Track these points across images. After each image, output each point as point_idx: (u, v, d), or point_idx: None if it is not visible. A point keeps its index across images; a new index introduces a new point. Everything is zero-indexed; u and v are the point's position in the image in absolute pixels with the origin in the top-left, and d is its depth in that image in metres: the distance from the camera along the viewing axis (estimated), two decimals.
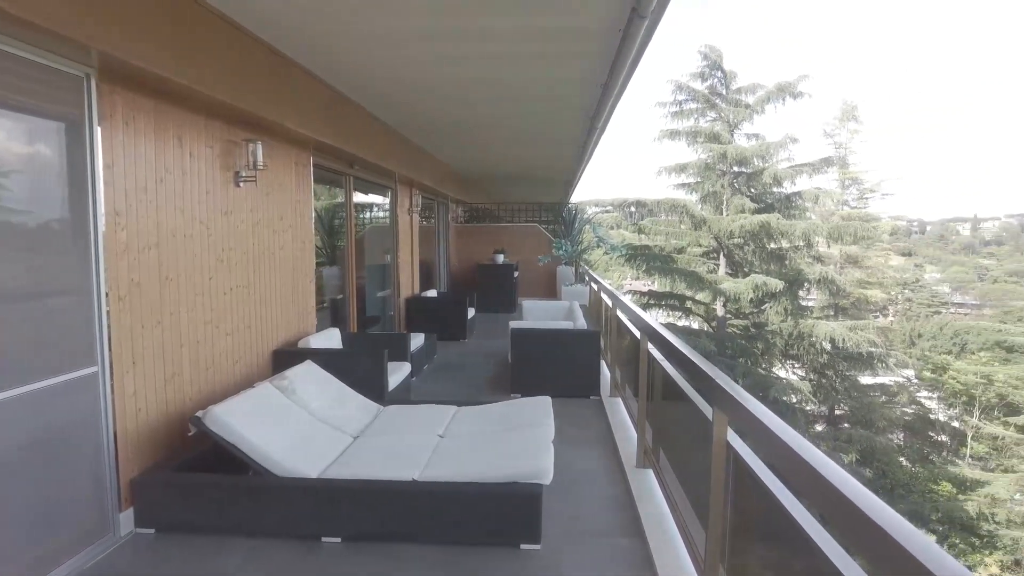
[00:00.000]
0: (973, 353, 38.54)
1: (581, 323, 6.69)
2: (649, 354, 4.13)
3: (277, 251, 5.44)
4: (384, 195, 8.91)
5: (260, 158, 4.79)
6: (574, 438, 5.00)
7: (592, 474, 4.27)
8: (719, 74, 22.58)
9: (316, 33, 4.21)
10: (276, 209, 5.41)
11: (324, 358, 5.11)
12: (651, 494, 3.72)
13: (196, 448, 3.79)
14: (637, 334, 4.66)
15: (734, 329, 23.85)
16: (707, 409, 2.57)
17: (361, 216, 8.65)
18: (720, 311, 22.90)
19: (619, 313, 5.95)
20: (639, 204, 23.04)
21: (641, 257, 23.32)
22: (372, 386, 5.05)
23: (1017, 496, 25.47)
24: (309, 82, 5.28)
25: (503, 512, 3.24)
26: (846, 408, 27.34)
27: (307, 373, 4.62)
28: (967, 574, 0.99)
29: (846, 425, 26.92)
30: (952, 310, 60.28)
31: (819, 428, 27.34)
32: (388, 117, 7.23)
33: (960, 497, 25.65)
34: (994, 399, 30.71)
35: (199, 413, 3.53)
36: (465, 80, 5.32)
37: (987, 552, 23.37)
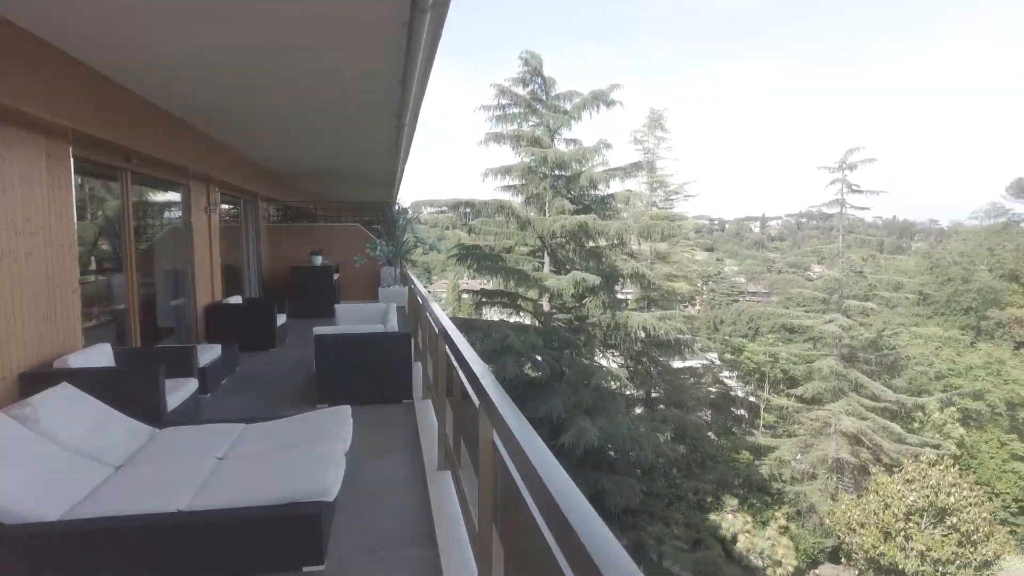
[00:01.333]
0: (763, 335, 44.26)
1: (393, 325, 6.53)
2: (447, 354, 4.09)
3: (22, 257, 4.64)
4: (175, 193, 8.05)
5: None
6: (381, 446, 4.83)
7: (394, 482, 4.13)
8: (539, 80, 23.47)
9: (49, 3, 3.62)
10: (19, 209, 4.61)
11: (88, 379, 4.45)
12: (448, 498, 3.68)
13: None
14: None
15: (559, 323, 25.03)
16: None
17: (159, 216, 7.78)
18: (546, 306, 23.91)
19: (427, 314, 5.88)
20: (468, 205, 23.31)
21: (472, 256, 23.62)
22: (146, 407, 4.49)
23: (799, 456, 29.58)
24: (58, 61, 4.56)
25: (284, 535, 3.00)
26: (661, 391, 29.91)
27: (59, 398, 3.98)
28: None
29: (661, 406, 29.44)
30: (747, 298, 68.88)
31: (638, 411, 29.61)
32: (174, 107, 6.53)
33: (756, 462, 29.24)
34: (780, 374, 35.45)
35: None
36: (246, 69, 4.92)
37: (777, 507, 26.84)
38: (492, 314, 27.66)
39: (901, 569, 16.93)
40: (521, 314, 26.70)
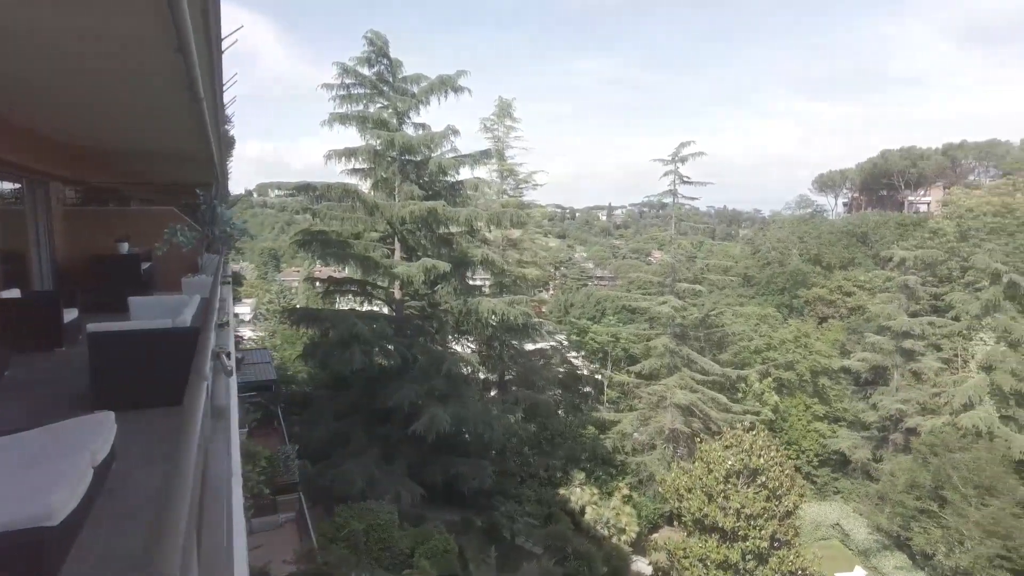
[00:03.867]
0: (608, 317, 46.90)
1: (185, 320, 5.96)
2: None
3: None
4: None
5: None
6: (156, 455, 4.38)
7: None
8: (385, 61, 22.82)
9: None
10: None
11: None
12: None
13: None
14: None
15: (412, 310, 24.77)
16: None
17: None
18: (397, 294, 23.52)
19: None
20: (311, 188, 22.17)
21: (317, 243, 22.60)
22: None
23: (639, 429, 31.76)
24: None
25: None
26: (513, 373, 30.73)
27: None
28: None
29: (514, 388, 30.27)
30: (595, 282, 72.68)
31: (493, 393, 30.25)
32: None
33: (601, 436, 30.97)
34: (621, 353, 37.80)
35: None
36: None
37: (621, 478, 28.65)
38: (344, 303, 26.79)
39: (721, 527, 18.78)
40: (373, 302, 26.09)
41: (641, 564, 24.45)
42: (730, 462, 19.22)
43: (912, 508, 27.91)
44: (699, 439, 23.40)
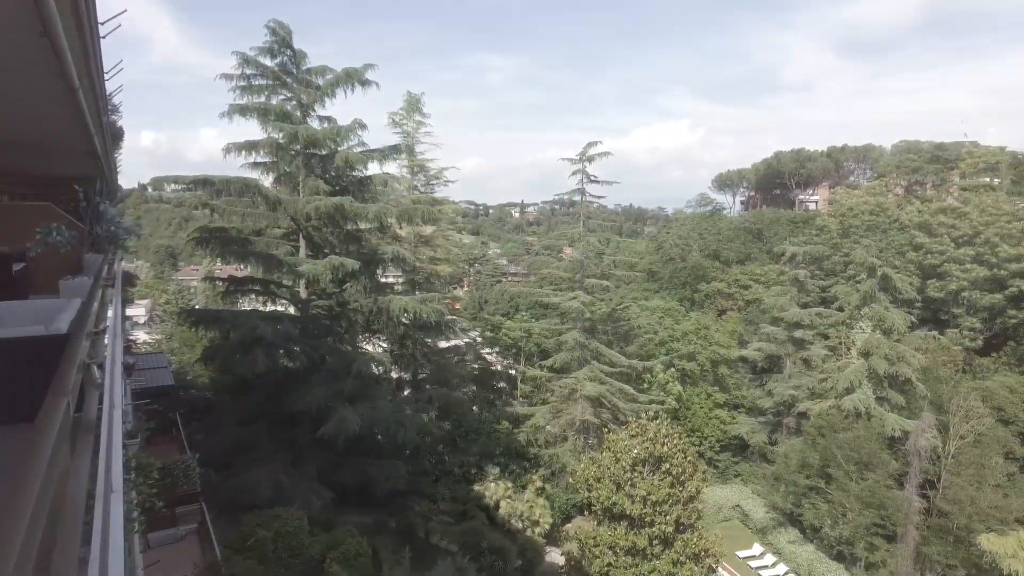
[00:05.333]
0: (521, 312, 47.47)
1: (60, 327, 5.51)
2: None
3: None
4: None
5: None
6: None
7: None
8: (289, 52, 21.98)
9: None
10: None
11: None
12: None
13: None
14: None
15: (319, 310, 24.06)
16: None
17: None
18: (303, 293, 22.77)
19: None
20: (208, 183, 21.00)
21: (215, 240, 21.50)
22: None
23: (552, 421, 32.34)
24: None
25: None
26: (427, 371, 30.51)
27: None
28: None
29: (428, 386, 30.06)
30: (509, 278, 73.41)
31: (406, 392, 29.92)
32: None
33: (515, 431, 31.27)
34: (533, 348, 38.37)
35: None
36: None
37: (535, 471, 29.05)
38: (247, 303, 25.62)
39: (629, 514, 19.46)
40: (278, 302, 25.12)
41: (555, 555, 24.95)
42: (636, 451, 19.92)
43: (803, 486, 30.07)
44: (607, 429, 24.11)
